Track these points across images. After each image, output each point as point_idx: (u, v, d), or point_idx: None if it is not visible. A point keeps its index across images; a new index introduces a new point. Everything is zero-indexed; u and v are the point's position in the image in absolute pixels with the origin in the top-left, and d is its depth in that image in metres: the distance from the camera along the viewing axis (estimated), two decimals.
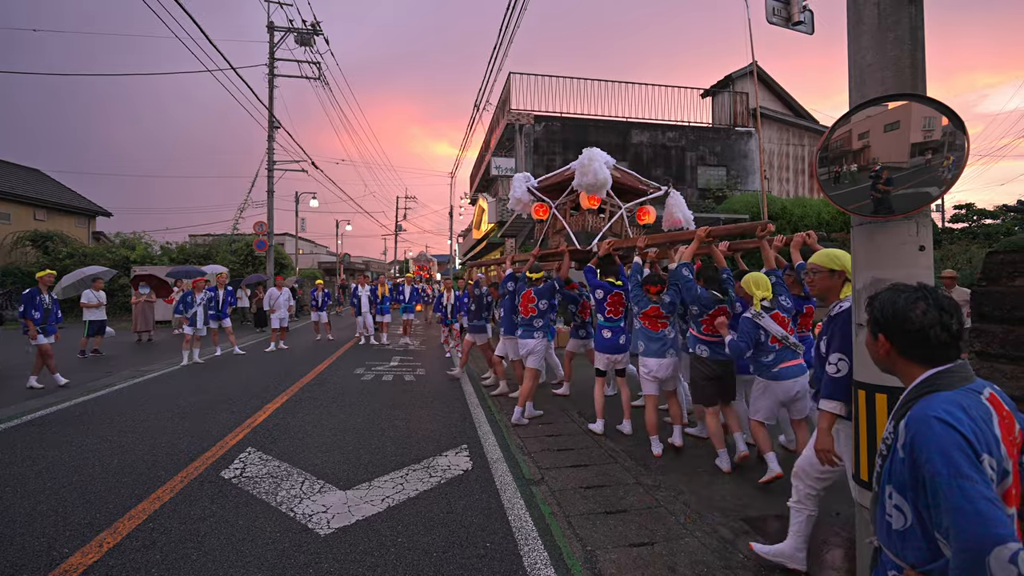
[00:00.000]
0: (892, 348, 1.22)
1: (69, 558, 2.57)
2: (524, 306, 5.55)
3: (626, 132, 15.60)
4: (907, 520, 1.10)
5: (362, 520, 3.06)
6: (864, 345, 2.05)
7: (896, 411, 1.19)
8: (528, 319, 5.52)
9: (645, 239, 4.90)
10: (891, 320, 1.21)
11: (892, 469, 1.14)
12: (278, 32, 19.98)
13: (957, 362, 1.17)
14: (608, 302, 4.98)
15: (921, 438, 1.05)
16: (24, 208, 22.12)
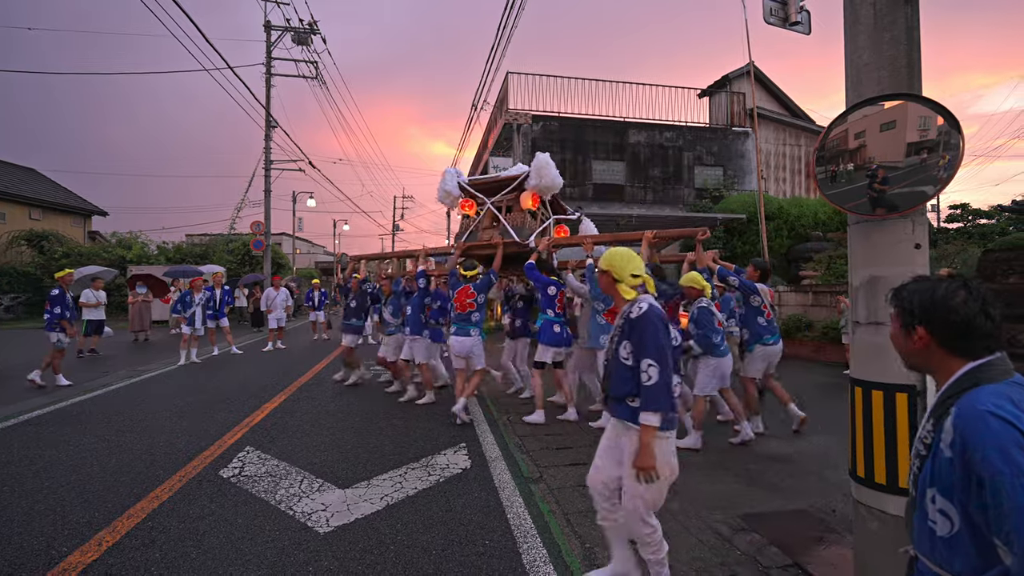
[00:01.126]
0: (932, 340, 1.14)
1: (68, 557, 2.57)
2: (460, 302, 5.31)
3: (623, 132, 15.62)
4: (954, 526, 1.01)
5: (361, 518, 3.06)
6: (863, 342, 2.07)
7: (935, 408, 1.12)
8: (465, 315, 5.30)
9: (592, 238, 5.59)
10: (933, 310, 1.13)
11: (935, 471, 1.05)
12: (275, 31, 19.96)
13: (997, 355, 1.10)
14: (558, 298, 5.39)
15: (974, 435, 0.97)
16: (20, 207, 22.03)
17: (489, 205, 6.41)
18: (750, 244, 14.29)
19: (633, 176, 15.76)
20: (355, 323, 7.08)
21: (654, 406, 2.02)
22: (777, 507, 3.33)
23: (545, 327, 5.32)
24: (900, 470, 1.92)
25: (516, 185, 6.28)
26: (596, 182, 15.45)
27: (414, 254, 7.07)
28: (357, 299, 7.10)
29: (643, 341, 2.07)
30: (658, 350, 2.03)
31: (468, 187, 6.57)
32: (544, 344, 5.29)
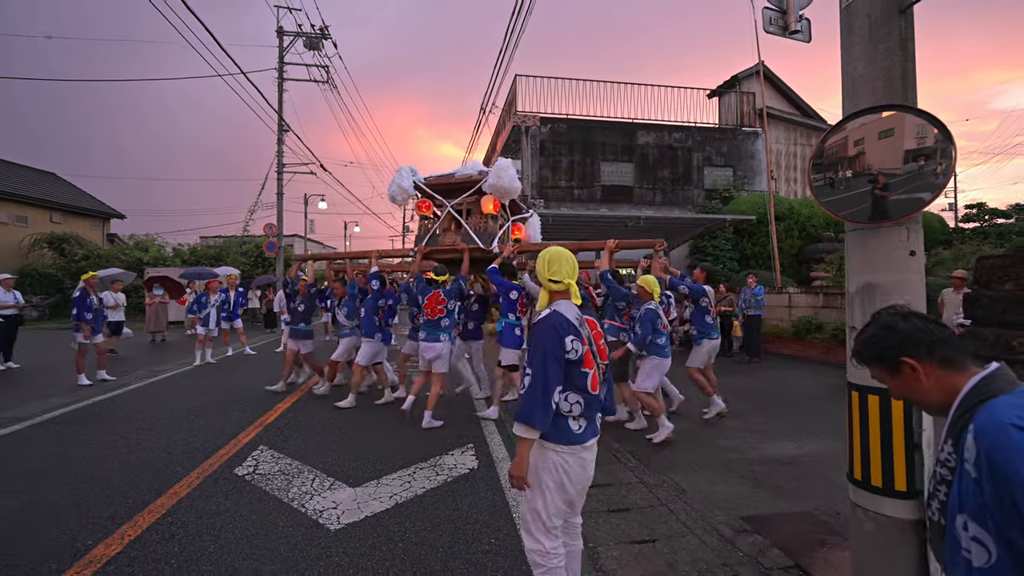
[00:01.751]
0: (933, 364, 1.11)
1: (93, 549, 2.69)
2: (431, 308, 5.31)
3: (632, 133, 15.63)
4: (991, 555, 0.92)
5: (371, 516, 3.15)
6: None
7: (950, 428, 1.07)
8: (435, 320, 5.30)
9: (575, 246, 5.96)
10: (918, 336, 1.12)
11: (963, 495, 0.97)
12: (287, 37, 20.25)
13: (996, 365, 1.07)
14: (520, 302, 5.57)
15: (1000, 450, 0.89)
16: (41, 211, 22.57)
17: (450, 208, 6.31)
18: (760, 245, 14.22)
19: (642, 177, 15.75)
20: (304, 328, 6.70)
21: (520, 415, 1.84)
22: (781, 509, 3.36)
23: (507, 330, 5.48)
24: (895, 473, 1.96)
25: (477, 189, 6.22)
26: (605, 183, 15.47)
27: (366, 255, 6.99)
28: (305, 303, 6.74)
29: (530, 349, 1.93)
30: (539, 359, 1.85)
31: (425, 187, 6.39)
32: (506, 347, 5.48)
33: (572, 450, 1.92)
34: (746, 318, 9.59)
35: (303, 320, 6.70)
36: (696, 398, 6.61)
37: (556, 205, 14.92)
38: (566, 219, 11.91)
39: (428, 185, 6.51)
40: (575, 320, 1.95)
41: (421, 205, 6.38)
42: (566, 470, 1.91)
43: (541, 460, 1.92)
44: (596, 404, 1.99)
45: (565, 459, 1.91)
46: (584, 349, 1.91)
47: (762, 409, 5.93)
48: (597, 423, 2.02)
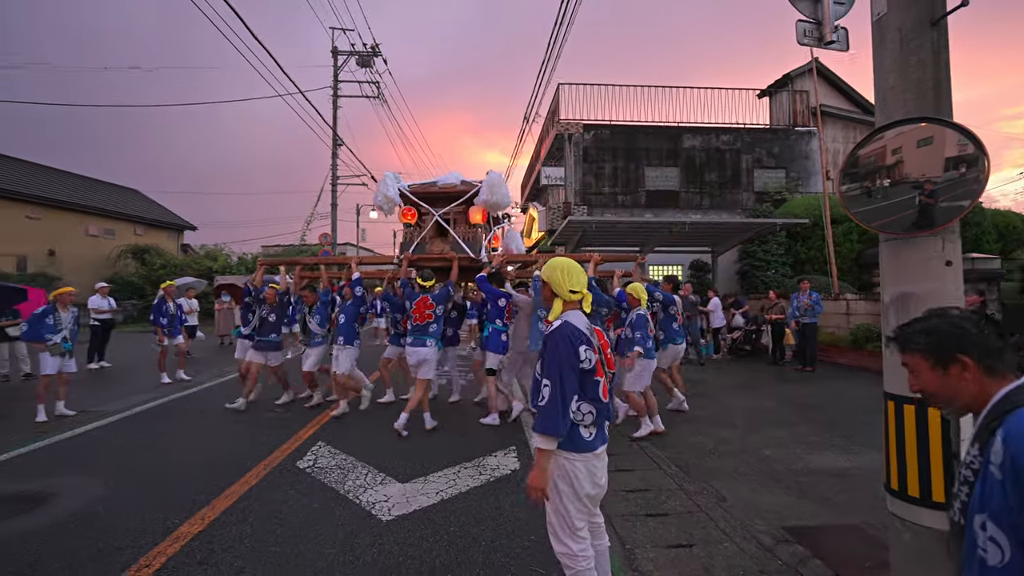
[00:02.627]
0: (980, 368, 1.14)
1: (179, 527, 3.06)
2: (419, 312, 5.33)
3: (677, 137, 15.40)
4: (1004, 555, 0.97)
5: (419, 510, 3.37)
6: (894, 357, 2.11)
7: (979, 433, 1.11)
8: (423, 325, 5.32)
9: (539, 257, 6.49)
10: (967, 336, 1.15)
11: (985, 495, 1.02)
12: (341, 56, 21.37)
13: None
14: (507, 309, 5.75)
15: None
16: (126, 224, 24.83)
17: (437, 217, 6.29)
18: (815, 249, 13.62)
19: (688, 181, 15.48)
20: (274, 339, 6.21)
21: (542, 426, 1.89)
22: (826, 521, 3.30)
23: (493, 336, 5.65)
24: (933, 483, 1.96)
25: (467, 199, 6.21)
26: (649, 189, 15.32)
27: (346, 262, 6.92)
28: (276, 312, 6.23)
29: (545, 359, 1.96)
30: (556, 370, 1.90)
31: (411, 195, 6.32)
32: (492, 352, 5.63)
33: (584, 458, 1.99)
34: (800, 326, 9.23)
35: (273, 331, 6.19)
36: (735, 407, 6.51)
37: (600, 211, 14.91)
38: (609, 225, 11.90)
39: (412, 193, 6.44)
40: (586, 330, 2.02)
41: (406, 213, 6.27)
42: (577, 476, 1.98)
43: (555, 468, 1.97)
44: (606, 412, 2.05)
45: (576, 466, 1.98)
46: (596, 358, 1.99)
47: (813, 420, 5.75)
48: (606, 431, 2.11)
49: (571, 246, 13.41)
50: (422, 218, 6.42)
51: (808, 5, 2.63)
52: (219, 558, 2.75)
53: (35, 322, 5.72)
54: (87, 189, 24.72)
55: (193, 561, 2.72)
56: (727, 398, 6.97)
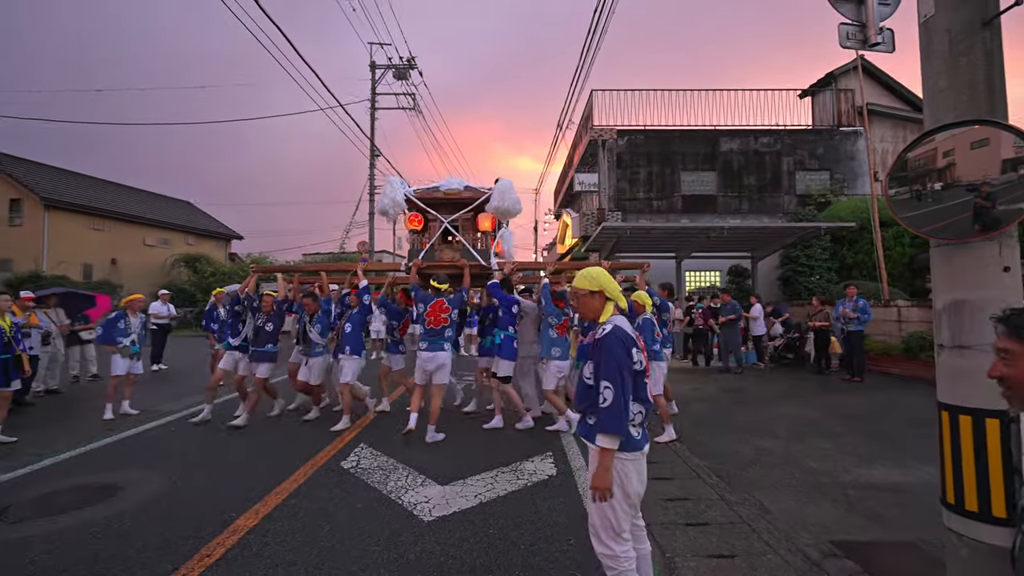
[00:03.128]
0: None
1: (236, 520, 3.25)
2: (435, 316, 5.29)
3: (715, 141, 15.13)
4: None
5: (458, 512, 3.45)
6: (948, 365, 2.04)
7: None
8: (439, 329, 5.29)
9: (553, 264, 6.57)
10: None
11: None
12: (379, 70, 22.06)
13: None
14: (519, 316, 5.81)
15: None
16: (179, 234, 26.30)
17: (447, 224, 6.20)
18: (863, 253, 13.06)
19: (726, 185, 15.16)
20: (270, 349, 5.92)
21: (608, 427, 1.97)
22: (877, 537, 3.18)
23: (506, 343, 5.66)
24: (992, 497, 1.88)
25: (476, 206, 6.13)
26: (685, 193, 15.09)
27: (349, 269, 6.64)
28: (273, 321, 5.94)
29: (601, 362, 2.03)
30: (615, 372, 1.98)
31: (417, 201, 6.15)
32: (505, 358, 5.63)
33: (634, 456, 2.07)
34: (847, 334, 8.86)
35: (269, 340, 5.90)
36: (778, 416, 6.32)
37: (634, 217, 14.78)
38: (644, 232, 11.78)
39: (418, 199, 6.29)
40: (632, 333, 2.11)
41: (412, 219, 6.11)
42: (628, 475, 2.06)
43: (617, 469, 2.04)
44: (648, 412, 2.16)
45: (626, 465, 2.06)
46: (644, 360, 2.09)
47: (861, 431, 5.52)
48: (646, 430, 2.18)
49: (605, 252, 13.34)
50: (428, 224, 6.33)
51: (851, 8, 2.59)
52: (272, 551, 2.90)
53: (108, 326, 6.21)
54: (145, 202, 26.34)
55: (249, 553, 2.88)
56: (769, 407, 6.78)
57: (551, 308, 5.58)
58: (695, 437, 5.34)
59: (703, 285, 15.37)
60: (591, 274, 2.23)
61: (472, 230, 6.25)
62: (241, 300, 6.03)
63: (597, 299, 2.22)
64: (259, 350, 5.86)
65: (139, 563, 2.78)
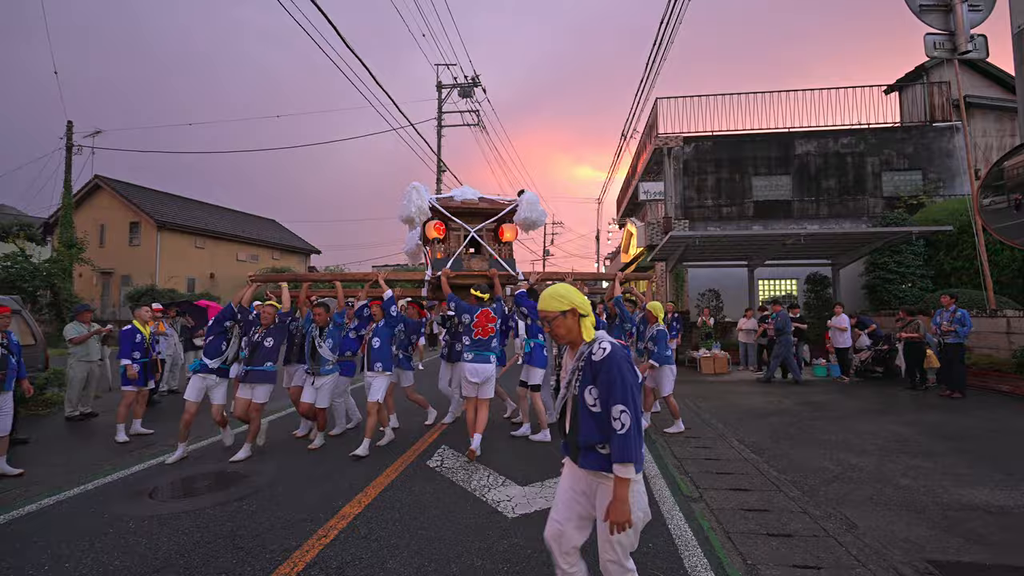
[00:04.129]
0: None
1: (343, 508, 3.65)
2: (482, 327, 5.13)
3: (788, 143, 14.51)
4: None
5: (539, 511, 3.65)
6: None
7: None
8: (486, 340, 5.14)
9: (572, 275, 6.69)
10: None
11: None
12: (445, 89, 23.11)
13: None
14: None
15: None
16: (266, 250, 28.71)
17: (473, 233, 5.99)
18: (964, 259, 11.96)
19: (802, 189, 14.46)
20: (270, 368, 5.11)
21: (629, 455, 1.79)
22: (981, 559, 3.03)
23: (537, 351, 5.71)
24: None
25: (502, 215, 6.03)
26: (757, 199, 14.55)
27: (367, 279, 6.23)
28: (274, 336, 5.14)
29: (612, 385, 1.85)
30: (629, 394, 1.83)
31: (442, 209, 5.93)
32: (538, 367, 5.66)
33: (640, 478, 1.94)
34: (943, 347, 8.19)
35: (269, 358, 5.08)
36: (865, 432, 6.03)
37: (702, 225, 14.45)
38: (712, 240, 11.51)
39: (443, 207, 6.16)
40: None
41: (438, 227, 5.85)
42: (642, 495, 1.95)
43: (632, 495, 1.88)
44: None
45: (638, 487, 1.94)
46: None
47: (962, 450, 5.14)
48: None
49: (672, 262, 13.14)
50: (448, 234, 6.09)
51: (938, 17, 2.58)
52: (378, 535, 3.25)
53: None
54: (237, 221, 29.02)
55: (358, 535, 3.25)
56: (855, 423, 6.44)
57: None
58: (773, 450, 5.22)
59: (778, 294, 14.69)
60: (559, 293, 2.05)
61: (494, 240, 6.15)
62: (234, 313, 5.29)
63: (571, 318, 2.04)
64: (258, 370, 5.03)
65: (268, 539, 3.22)
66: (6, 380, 4.40)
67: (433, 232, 5.83)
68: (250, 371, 5.06)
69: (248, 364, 5.06)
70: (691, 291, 14.50)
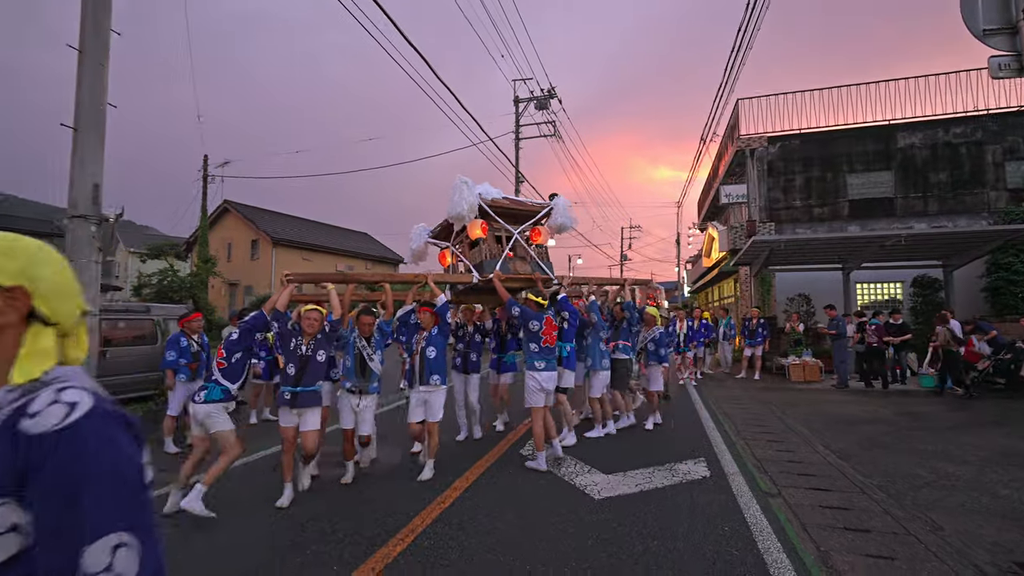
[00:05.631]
0: None
1: (443, 492, 4.24)
2: (550, 334, 4.99)
3: (889, 137, 13.55)
4: None
5: (623, 495, 4.10)
6: None
7: None
8: (553, 347, 5.05)
9: (595, 280, 7.23)
10: None
11: None
12: (521, 103, 24.00)
13: None
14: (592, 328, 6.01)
15: None
16: (360, 261, 31.32)
17: (516, 236, 5.73)
18: None
19: (906, 185, 13.43)
20: (320, 388, 4.31)
21: None
22: None
23: (572, 355, 5.60)
24: None
25: (537, 219, 5.90)
26: (853, 198, 13.72)
27: (406, 281, 5.71)
28: (324, 347, 4.28)
29: (82, 493, 0.69)
30: (128, 510, 0.73)
31: (489, 209, 5.56)
32: (571, 370, 5.57)
33: None
34: None
35: (320, 376, 4.28)
36: (969, 444, 5.77)
37: (790, 227, 13.88)
38: (801, 243, 11.11)
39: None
40: None
41: (484, 227, 5.53)
42: None
43: None
44: None
45: None
46: None
47: None
48: None
49: (757, 266, 12.81)
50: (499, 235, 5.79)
51: (1004, 40, 2.70)
52: (485, 506, 3.88)
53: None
54: (335, 235, 31.96)
55: (468, 506, 3.90)
56: (960, 435, 6.12)
57: (602, 322, 6.05)
58: (861, 456, 5.21)
59: (879, 299, 13.70)
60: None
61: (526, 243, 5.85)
62: (267, 322, 4.22)
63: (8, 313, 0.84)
64: (309, 390, 4.14)
65: (395, 503, 3.96)
66: (198, 371, 5.63)
67: (478, 232, 5.49)
68: (300, 393, 4.08)
69: (295, 384, 4.08)
70: (779, 296, 13.95)
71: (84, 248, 5.14)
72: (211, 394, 3.91)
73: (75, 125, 5.21)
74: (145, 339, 8.14)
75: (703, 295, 25.41)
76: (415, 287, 5.42)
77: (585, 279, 7.20)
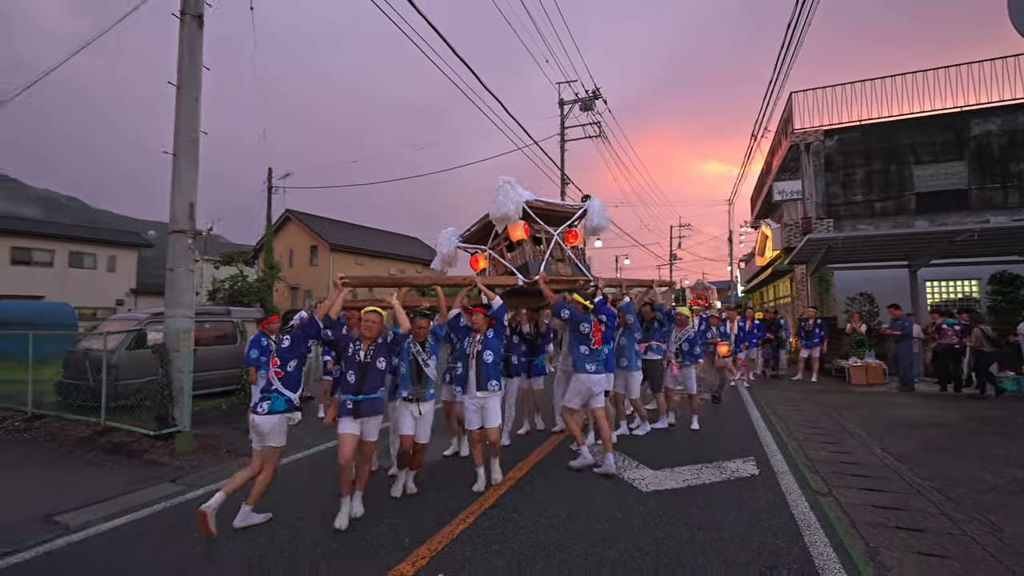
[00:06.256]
0: None
1: (508, 472, 4.61)
2: (599, 336, 4.95)
3: (961, 125, 12.74)
4: None
5: (670, 489, 4.25)
6: None
7: None
8: (602, 349, 4.98)
9: (627, 281, 7.21)
10: None
11: None
12: (566, 105, 24.13)
13: None
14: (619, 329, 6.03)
15: None
16: (411, 264, 32.43)
17: (556, 237, 5.69)
18: None
19: (981, 175, 12.58)
20: (381, 396, 4.03)
21: None
22: None
23: (611, 357, 5.48)
24: None
25: (572, 221, 5.88)
26: (920, 191, 12.99)
27: (456, 283, 5.46)
28: (384, 354, 4.04)
29: None
30: None
31: (530, 210, 5.48)
32: (610, 372, 5.45)
33: None
34: None
35: (382, 383, 4.06)
36: None
37: (851, 223, 13.30)
38: (860, 241, 10.64)
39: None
40: None
41: (526, 228, 5.48)
42: None
43: None
44: None
45: None
46: None
47: None
48: None
49: (813, 264, 12.38)
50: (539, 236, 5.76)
51: None
52: (538, 495, 4.16)
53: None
54: (388, 240, 33.29)
55: (522, 493, 4.19)
56: None
57: (636, 323, 6.02)
58: (921, 459, 5.08)
59: (952, 297, 12.88)
60: None
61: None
62: (319, 329, 3.98)
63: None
64: (371, 398, 3.93)
65: (457, 489, 4.31)
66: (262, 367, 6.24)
67: (520, 232, 5.41)
68: (363, 401, 3.89)
69: (356, 392, 3.89)
70: (838, 295, 13.39)
71: (183, 258, 5.87)
72: (275, 404, 3.74)
73: (174, 151, 5.95)
74: (227, 339, 8.99)
75: (757, 295, 24.59)
76: (463, 290, 5.26)
77: (618, 280, 7.19)
